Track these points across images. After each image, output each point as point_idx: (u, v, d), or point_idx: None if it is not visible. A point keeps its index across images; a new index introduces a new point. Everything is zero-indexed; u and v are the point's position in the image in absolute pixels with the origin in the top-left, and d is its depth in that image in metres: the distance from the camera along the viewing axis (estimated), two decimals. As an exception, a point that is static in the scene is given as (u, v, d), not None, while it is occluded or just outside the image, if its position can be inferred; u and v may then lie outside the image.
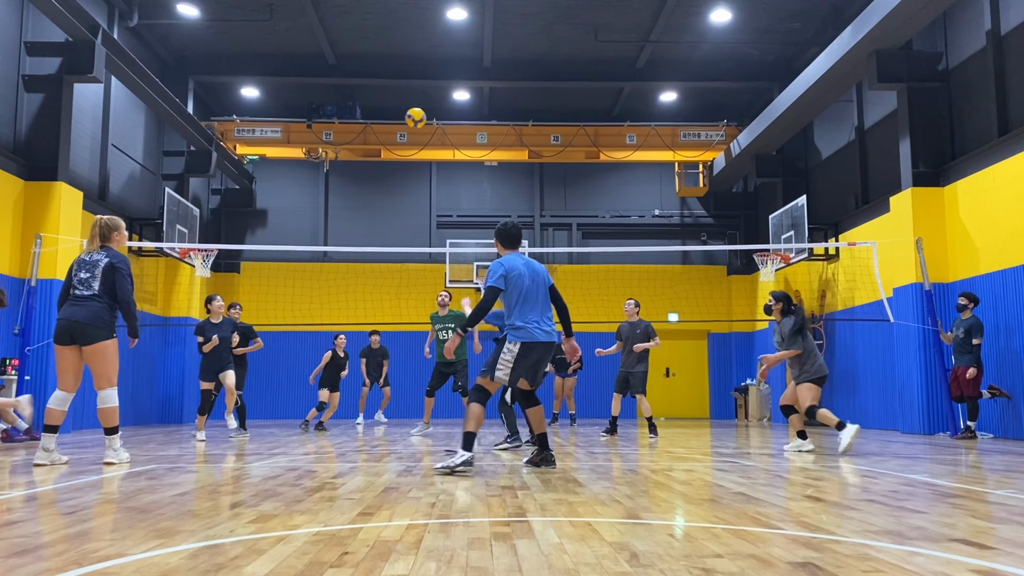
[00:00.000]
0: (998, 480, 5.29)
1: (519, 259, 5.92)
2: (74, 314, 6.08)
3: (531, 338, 5.68)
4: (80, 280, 6.20)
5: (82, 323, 6.05)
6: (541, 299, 5.82)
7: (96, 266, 6.21)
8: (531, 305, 5.74)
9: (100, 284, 6.16)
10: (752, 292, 18.47)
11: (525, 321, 5.70)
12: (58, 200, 11.22)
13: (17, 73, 11.40)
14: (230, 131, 17.50)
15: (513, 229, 6.08)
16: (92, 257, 6.26)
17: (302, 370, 16.66)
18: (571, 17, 14.89)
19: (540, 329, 5.71)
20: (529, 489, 4.67)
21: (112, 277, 6.17)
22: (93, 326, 6.06)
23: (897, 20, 10.89)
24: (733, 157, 17.35)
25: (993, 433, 10.72)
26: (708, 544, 2.97)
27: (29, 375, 10.48)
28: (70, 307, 6.13)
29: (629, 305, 10.56)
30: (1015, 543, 3.01)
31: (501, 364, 5.68)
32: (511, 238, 6.06)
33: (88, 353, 6.12)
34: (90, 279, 6.18)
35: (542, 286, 5.87)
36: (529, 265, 5.89)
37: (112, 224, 6.41)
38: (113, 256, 6.26)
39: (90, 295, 6.12)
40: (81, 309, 6.09)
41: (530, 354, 5.71)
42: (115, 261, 6.22)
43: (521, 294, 5.75)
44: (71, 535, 3.14)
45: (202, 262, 15.25)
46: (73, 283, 6.21)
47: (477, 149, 17.71)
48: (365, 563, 2.63)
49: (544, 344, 5.74)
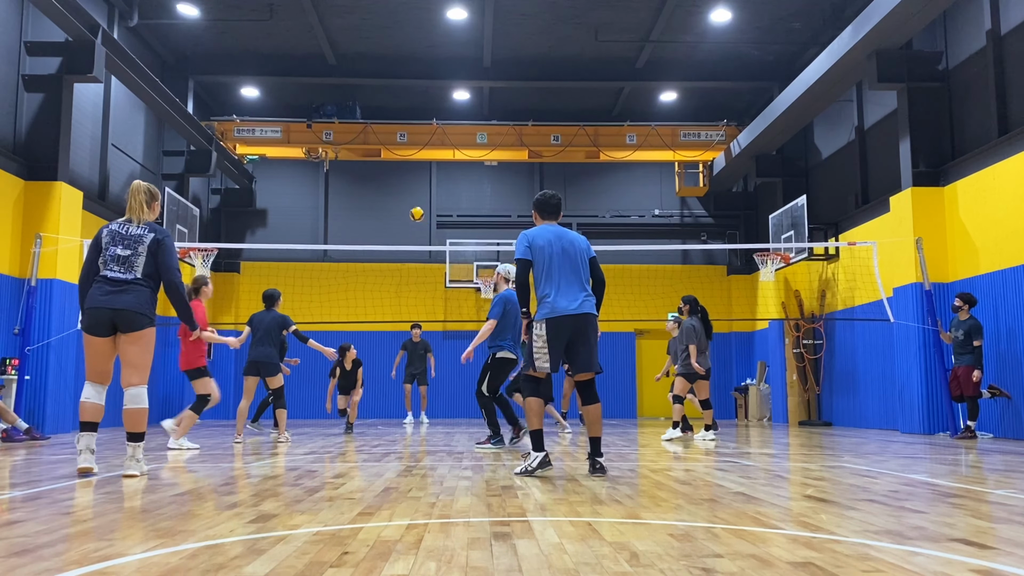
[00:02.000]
0: (998, 480, 5.29)
1: (549, 229, 5.59)
2: (115, 300, 5.20)
3: (553, 312, 5.35)
4: (117, 258, 5.28)
5: (128, 311, 5.20)
6: (573, 271, 5.46)
7: (139, 242, 5.32)
8: (558, 277, 5.41)
9: (144, 265, 5.31)
10: (752, 292, 18.47)
11: (544, 295, 5.42)
12: (58, 200, 11.22)
13: (17, 73, 11.40)
14: (230, 131, 17.50)
15: (552, 199, 5.74)
16: (131, 230, 5.37)
17: (302, 370, 16.65)
18: (571, 17, 14.89)
19: (560, 302, 5.36)
20: (529, 489, 4.67)
21: (158, 257, 5.34)
22: (138, 312, 5.23)
23: (897, 20, 10.89)
24: (733, 157, 17.35)
25: (993, 433, 10.73)
26: (708, 544, 2.97)
27: (29, 375, 10.49)
28: (108, 292, 5.22)
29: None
30: (1015, 543, 3.01)
31: (537, 353, 5.34)
32: (546, 207, 5.72)
33: (128, 341, 5.25)
34: (131, 258, 5.29)
35: (579, 257, 5.52)
36: (561, 236, 5.55)
37: (154, 192, 5.62)
38: (159, 231, 5.41)
39: (133, 279, 5.27)
40: (125, 295, 5.23)
41: (559, 331, 5.35)
42: (161, 236, 5.38)
43: (546, 266, 5.44)
44: (71, 535, 3.14)
45: (202, 262, 15.25)
46: (106, 259, 5.30)
47: (477, 149, 17.71)
48: (365, 563, 2.63)
49: (572, 316, 5.36)
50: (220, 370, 17.89)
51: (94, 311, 5.20)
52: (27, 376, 10.41)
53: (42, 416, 10.62)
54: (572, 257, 5.49)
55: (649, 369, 19.13)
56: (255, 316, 9.52)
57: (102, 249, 5.34)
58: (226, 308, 18.26)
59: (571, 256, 5.49)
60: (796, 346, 16.08)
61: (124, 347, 5.26)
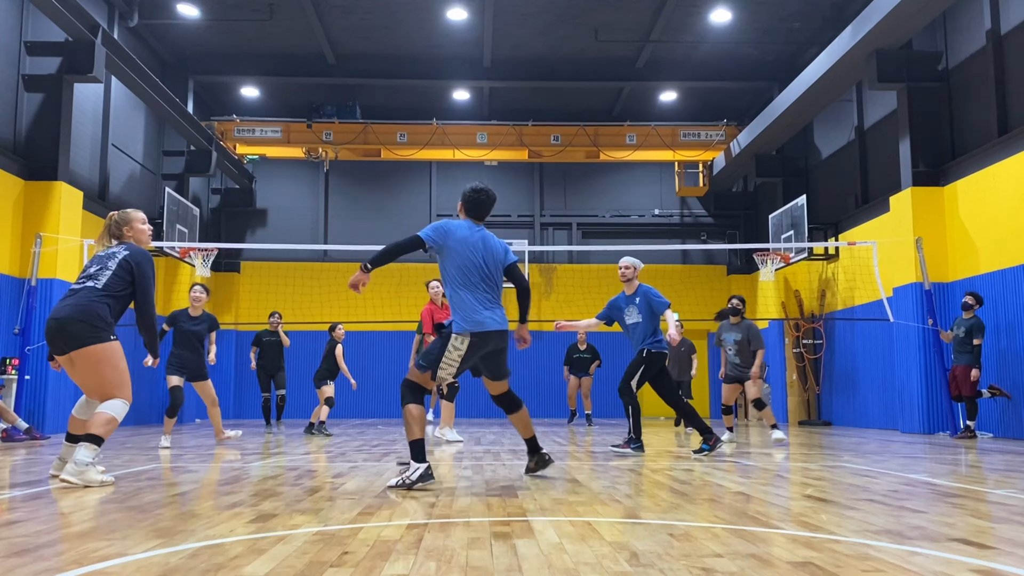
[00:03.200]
0: (998, 480, 5.29)
1: (476, 230, 5.09)
2: (58, 311, 4.77)
3: (481, 328, 4.91)
4: (86, 273, 4.96)
5: (64, 321, 4.71)
6: (497, 283, 5.10)
7: (111, 259, 4.99)
8: (483, 287, 4.98)
9: (110, 278, 4.89)
10: (752, 292, 18.46)
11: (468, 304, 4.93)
12: (58, 200, 11.22)
13: (17, 73, 11.40)
14: (230, 131, 17.50)
15: (489, 198, 5.17)
16: (108, 251, 5.10)
17: (301, 370, 16.65)
18: (571, 17, 14.89)
19: (488, 318, 4.95)
20: (529, 489, 4.67)
21: (129, 275, 4.95)
22: (81, 322, 4.71)
23: (897, 20, 10.89)
24: (733, 157, 17.35)
25: (993, 433, 10.73)
26: (708, 544, 2.97)
27: (29, 375, 10.49)
28: (59, 303, 4.87)
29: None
30: (1015, 543, 3.01)
31: (446, 362, 4.89)
32: (480, 207, 5.16)
33: (76, 360, 4.76)
34: (99, 272, 4.92)
35: (498, 268, 5.11)
36: (487, 241, 5.08)
37: (122, 219, 5.21)
38: (133, 251, 5.05)
39: (90, 287, 4.84)
40: (68, 304, 4.79)
41: (482, 346, 4.96)
42: (135, 256, 5.01)
43: (468, 269, 4.96)
44: (71, 535, 3.14)
45: (202, 262, 15.25)
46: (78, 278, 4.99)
47: (477, 149, 17.71)
48: (365, 563, 2.63)
49: (497, 333, 5.00)
50: (220, 372, 17.91)
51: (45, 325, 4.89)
52: (27, 376, 10.41)
53: (42, 416, 10.62)
54: (494, 267, 5.09)
55: (649, 369, 19.09)
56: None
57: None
58: (226, 308, 18.25)
59: (493, 266, 5.08)
60: (796, 346, 16.08)
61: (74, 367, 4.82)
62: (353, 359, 14.05)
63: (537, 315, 18.50)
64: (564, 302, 18.49)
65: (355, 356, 16.75)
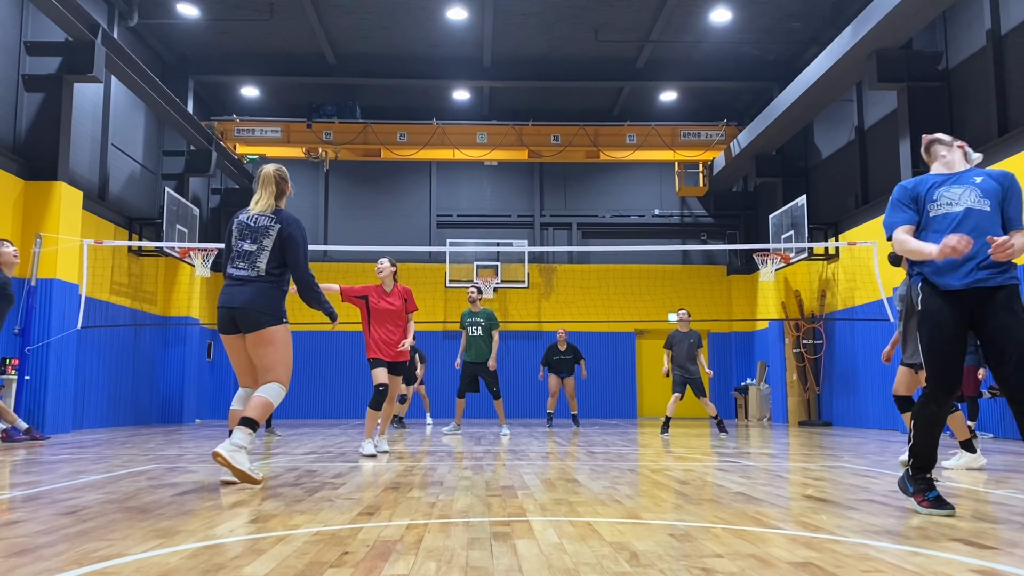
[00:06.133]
0: (998, 480, 5.29)
1: None
2: (232, 299, 4.91)
3: None
4: (242, 253, 4.98)
5: (247, 309, 4.88)
6: None
7: (264, 235, 4.96)
8: None
9: (268, 259, 4.95)
10: (752, 292, 18.46)
11: None
12: (58, 200, 11.22)
13: (17, 73, 11.40)
14: (230, 131, 17.50)
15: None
16: (258, 221, 5.00)
17: (301, 370, 16.66)
18: (571, 17, 14.89)
19: None
20: (529, 489, 4.67)
21: (285, 249, 4.99)
22: (257, 311, 4.89)
23: (897, 20, 10.89)
24: (733, 157, 17.35)
25: (993, 433, 10.73)
26: (708, 544, 2.97)
27: (29, 375, 10.49)
28: (229, 289, 4.97)
29: (682, 314, 11.23)
30: (1015, 543, 3.01)
31: None
32: None
33: (250, 342, 4.93)
34: (256, 253, 4.96)
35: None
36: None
37: (285, 175, 5.19)
38: (287, 222, 5.01)
39: (255, 276, 4.94)
40: (241, 292, 4.92)
41: None
42: (291, 228, 4.99)
43: None
44: (71, 535, 3.14)
45: (202, 262, 15.26)
46: (234, 256, 5.02)
47: (477, 149, 17.71)
48: (365, 563, 2.63)
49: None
50: (224, 373, 17.91)
51: (218, 310, 4.99)
52: (27, 376, 10.41)
53: (42, 416, 10.62)
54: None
55: (649, 369, 19.13)
56: None
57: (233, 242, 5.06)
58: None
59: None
60: (796, 346, 16.08)
61: (250, 349, 4.96)
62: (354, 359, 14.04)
63: (537, 315, 18.50)
64: (564, 302, 18.49)
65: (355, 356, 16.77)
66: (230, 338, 5.01)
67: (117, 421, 13.94)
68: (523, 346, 18.02)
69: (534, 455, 7.27)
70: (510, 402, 16.87)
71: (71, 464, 6.20)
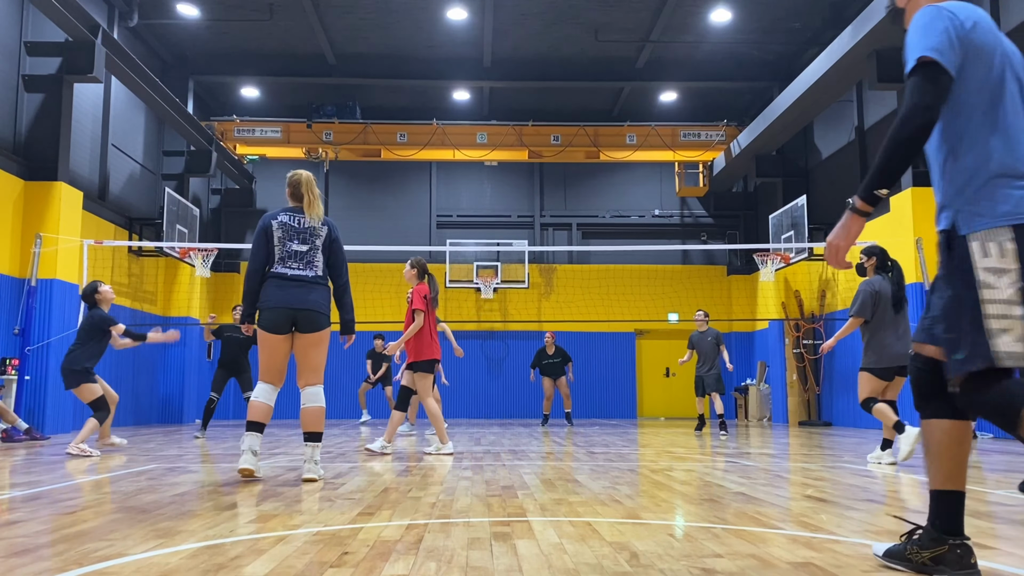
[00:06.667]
0: (998, 480, 5.29)
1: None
2: (300, 299, 5.07)
3: None
4: (294, 253, 5.15)
5: (312, 310, 5.07)
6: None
7: (316, 236, 5.19)
8: None
9: (323, 262, 5.22)
10: (752, 292, 18.46)
11: None
12: (58, 200, 11.22)
13: (17, 73, 11.40)
14: (230, 131, 17.50)
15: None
16: (304, 223, 5.19)
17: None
18: (571, 17, 14.89)
19: None
20: (529, 489, 4.67)
21: (332, 251, 5.24)
22: (319, 312, 5.11)
23: (897, 19, 10.89)
24: (733, 157, 17.35)
25: (993, 433, 10.73)
26: (708, 544, 2.97)
27: (29, 375, 10.49)
28: (290, 289, 5.10)
29: (699, 315, 11.73)
30: (1015, 543, 3.01)
31: None
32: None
33: (308, 341, 5.10)
34: (310, 254, 5.18)
35: None
36: None
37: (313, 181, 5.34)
38: (333, 225, 5.31)
39: (313, 277, 5.16)
40: (307, 292, 5.10)
41: None
42: (337, 232, 5.31)
43: None
44: (71, 535, 3.14)
45: (202, 262, 15.26)
46: (283, 256, 5.14)
47: (477, 149, 17.72)
48: (365, 563, 2.63)
49: None
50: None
51: (274, 310, 5.05)
52: (27, 376, 10.41)
53: (42, 416, 10.62)
54: None
55: (649, 369, 19.14)
56: None
57: (278, 243, 5.15)
58: (226, 309, 18.25)
59: None
60: (796, 346, 16.08)
61: (303, 346, 5.11)
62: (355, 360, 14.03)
63: (537, 316, 18.50)
64: (564, 303, 18.50)
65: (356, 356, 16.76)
66: (279, 338, 5.10)
67: (117, 421, 13.93)
68: (523, 346, 18.02)
69: (534, 455, 7.27)
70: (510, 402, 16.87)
71: (71, 464, 6.20)
